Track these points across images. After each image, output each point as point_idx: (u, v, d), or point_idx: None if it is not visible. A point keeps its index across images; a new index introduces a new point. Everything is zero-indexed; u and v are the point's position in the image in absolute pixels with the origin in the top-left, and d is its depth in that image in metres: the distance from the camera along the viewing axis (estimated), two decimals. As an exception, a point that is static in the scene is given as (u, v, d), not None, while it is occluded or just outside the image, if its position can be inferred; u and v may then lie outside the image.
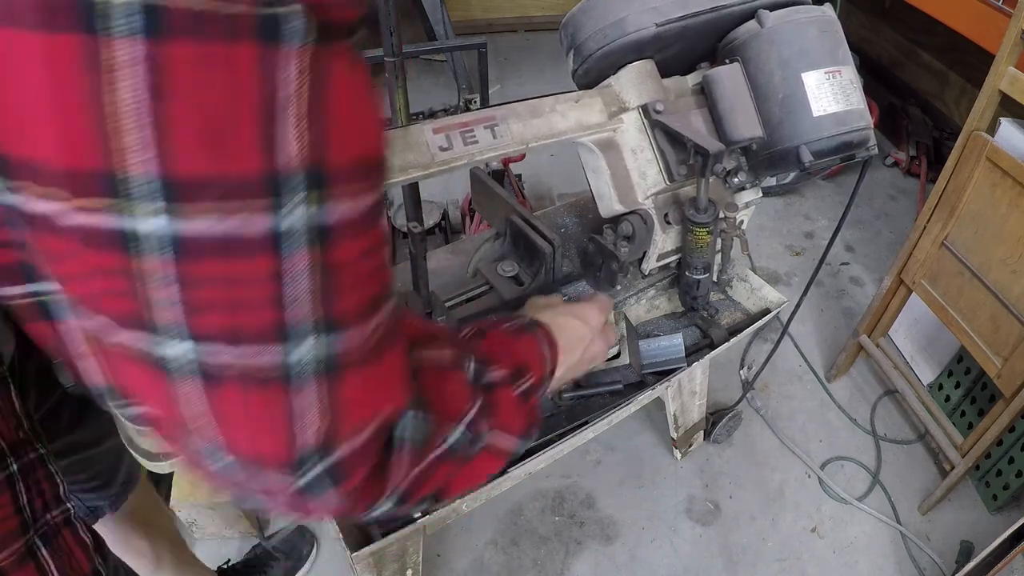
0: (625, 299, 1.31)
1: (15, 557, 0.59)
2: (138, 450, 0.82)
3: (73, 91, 0.29)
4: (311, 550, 1.55)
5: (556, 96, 1.05)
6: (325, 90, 0.34)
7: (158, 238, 0.32)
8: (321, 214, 0.35)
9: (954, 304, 1.56)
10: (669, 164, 1.10)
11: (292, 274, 0.35)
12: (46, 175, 0.31)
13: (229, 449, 0.39)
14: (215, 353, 0.36)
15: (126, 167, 0.30)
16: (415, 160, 0.93)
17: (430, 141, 0.94)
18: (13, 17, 0.28)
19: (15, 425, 0.64)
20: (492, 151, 0.98)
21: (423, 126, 0.94)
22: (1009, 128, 1.42)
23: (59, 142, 0.30)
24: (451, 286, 1.30)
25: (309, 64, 0.33)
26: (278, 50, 0.31)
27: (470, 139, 0.96)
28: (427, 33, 3.27)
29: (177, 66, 0.30)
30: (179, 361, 0.36)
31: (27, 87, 0.30)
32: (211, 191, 0.32)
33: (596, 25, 1.03)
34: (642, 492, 1.72)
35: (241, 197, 0.32)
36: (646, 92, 1.09)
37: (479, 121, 0.97)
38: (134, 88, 0.29)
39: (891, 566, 1.60)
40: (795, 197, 2.80)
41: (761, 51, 1.05)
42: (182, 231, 0.32)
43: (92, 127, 0.30)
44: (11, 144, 0.31)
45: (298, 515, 0.47)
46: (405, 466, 0.48)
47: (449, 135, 0.95)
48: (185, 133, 0.30)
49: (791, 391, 2.00)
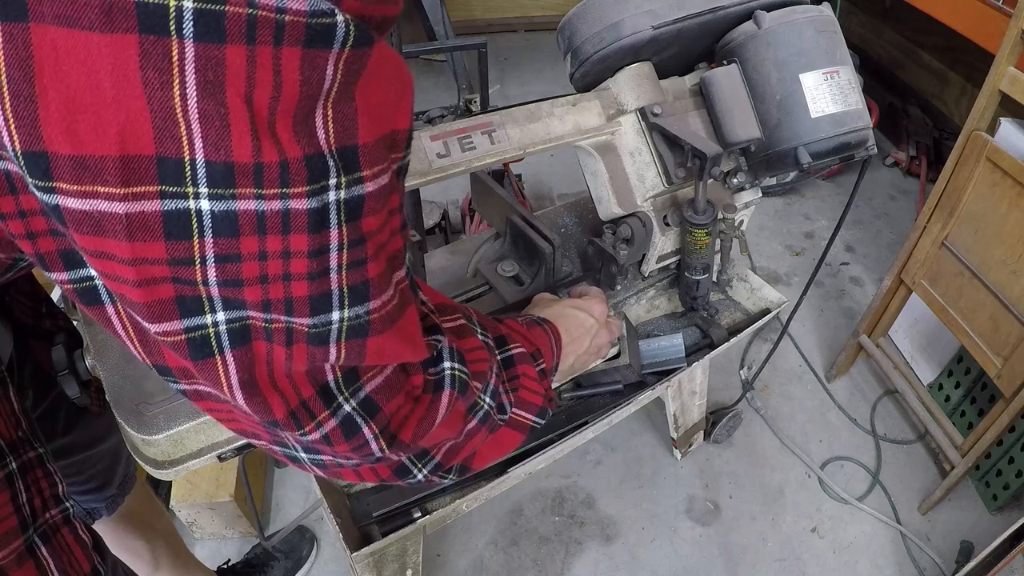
0: (625, 299, 1.31)
1: (14, 556, 0.59)
2: (144, 458, 0.82)
3: (133, 86, 0.31)
4: (311, 550, 1.55)
5: (553, 100, 1.05)
6: (357, 83, 0.37)
7: (209, 218, 0.35)
8: (353, 191, 0.39)
9: (954, 304, 1.56)
10: (667, 167, 1.10)
11: (327, 247, 0.39)
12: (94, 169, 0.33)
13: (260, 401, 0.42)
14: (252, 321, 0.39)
15: (185, 153, 0.33)
16: (413, 168, 0.93)
17: (427, 148, 0.93)
18: (75, 19, 0.30)
19: (14, 424, 0.64)
20: (490, 157, 0.98)
21: (419, 135, 0.94)
22: (1009, 128, 1.42)
23: (118, 132, 0.32)
24: (451, 286, 1.30)
25: (345, 63, 0.36)
26: (321, 53, 0.34)
27: (467, 145, 0.96)
28: (427, 33, 3.27)
29: (229, 67, 0.32)
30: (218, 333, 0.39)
31: (86, 83, 0.31)
32: (258, 176, 0.35)
33: (592, 29, 1.03)
34: (642, 492, 1.72)
35: (283, 180, 0.36)
36: (644, 94, 1.09)
37: (476, 127, 0.97)
38: (189, 85, 0.32)
39: (891, 566, 1.60)
40: (795, 197, 2.79)
41: (758, 52, 1.04)
42: (231, 211, 0.35)
43: (151, 119, 0.32)
44: (59, 143, 0.33)
45: (343, 463, 0.51)
46: (445, 407, 0.53)
47: (446, 142, 0.95)
48: (236, 125, 0.33)
49: (791, 391, 2.00)
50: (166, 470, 0.82)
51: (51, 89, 0.31)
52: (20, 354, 0.75)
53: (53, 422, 0.85)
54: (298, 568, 1.51)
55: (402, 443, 0.50)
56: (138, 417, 0.80)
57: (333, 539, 1.58)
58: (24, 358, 0.77)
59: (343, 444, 0.47)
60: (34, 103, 0.32)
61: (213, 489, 1.45)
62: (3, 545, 0.58)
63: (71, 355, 0.78)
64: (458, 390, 0.54)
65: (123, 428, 0.81)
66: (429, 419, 0.52)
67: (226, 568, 1.46)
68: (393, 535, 1.00)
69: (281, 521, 1.64)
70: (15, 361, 0.73)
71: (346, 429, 0.46)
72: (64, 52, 0.31)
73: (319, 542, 1.58)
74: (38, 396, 0.81)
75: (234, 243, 0.36)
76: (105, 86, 0.31)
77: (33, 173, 0.34)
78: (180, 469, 0.82)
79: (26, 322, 0.78)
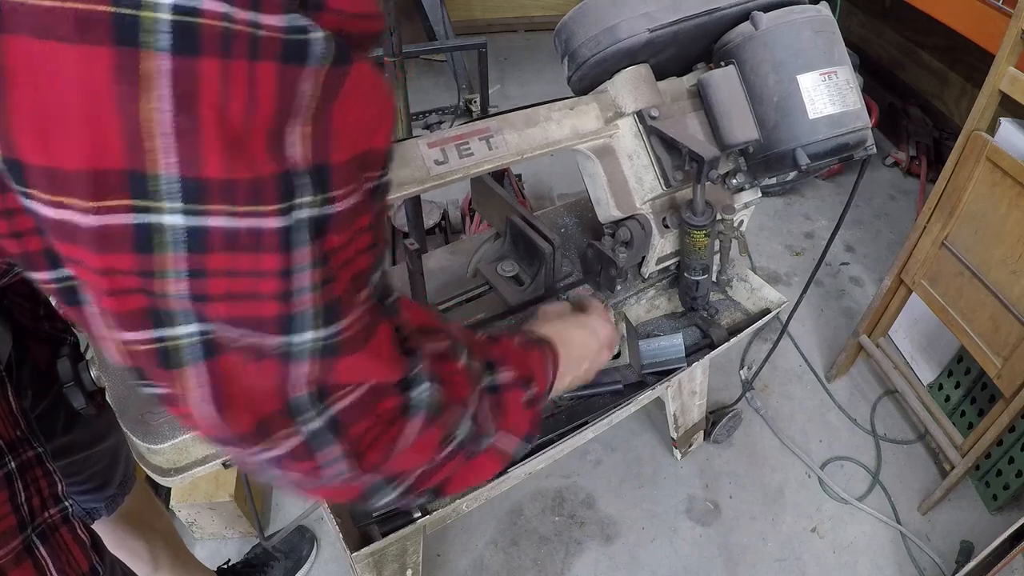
0: (625, 299, 1.31)
1: (12, 555, 0.59)
2: (149, 466, 0.82)
3: (105, 99, 0.31)
4: (311, 550, 1.55)
5: (550, 104, 1.05)
6: (334, 101, 0.36)
7: (178, 232, 0.35)
8: (324, 211, 0.38)
9: (954, 304, 1.56)
10: (665, 170, 1.10)
11: (296, 267, 0.38)
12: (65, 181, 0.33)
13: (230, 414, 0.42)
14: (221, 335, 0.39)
15: (156, 167, 0.33)
16: (411, 176, 0.93)
17: (425, 156, 0.93)
18: (50, 30, 0.30)
19: (12, 423, 0.64)
20: (488, 163, 0.98)
21: (417, 142, 0.94)
22: (1009, 128, 1.42)
23: (89, 145, 0.32)
24: (451, 286, 1.30)
25: (324, 80, 0.35)
26: (296, 69, 0.34)
27: (465, 152, 0.96)
28: (427, 33, 3.27)
29: (203, 80, 0.32)
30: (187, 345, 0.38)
31: (59, 95, 0.31)
32: (229, 192, 0.34)
33: (589, 32, 1.03)
34: (642, 492, 1.72)
35: (255, 197, 0.35)
36: (641, 97, 1.08)
37: (474, 133, 0.97)
38: (163, 98, 0.31)
39: (891, 566, 1.60)
40: (795, 197, 2.79)
41: (755, 54, 1.04)
42: (202, 226, 0.35)
43: (122, 132, 0.32)
44: (31, 153, 0.33)
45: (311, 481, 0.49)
46: (416, 431, 0.51)
47: (444, 149, 0.95)
48: (208, 139, 0.33)
49: (791, 391, 2.00)
50: (172, 477, 0.82)
51: (25, 100, 0.31)
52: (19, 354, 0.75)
53: (52, 421, 0.85)
54: (298, 568, 1.51)
55: (370, 464, 0.49)
56: (143, 427, 0.80)
57: (333, 539, 1.58)
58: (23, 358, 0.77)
59: (307, 462, 0.46)
60: (6, 113, 0.32)
61: (213, 489, 1.46)
62: (1, 544, 0.59)
63: (76, 366, 0.78)
64: (432, 415, 0.52)
65: (129, 437, 0.81)
66: (399, 442, 0.50)
67: (226, 568, 1.46)
68: (393, 535, 1.00)
69: (281, 521, 1.64)
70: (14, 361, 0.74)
71: (313, 446, 0.45)
72: (38, 63, 0.30)
73: (319, 542, 1.58)
74: (36, 396, 0.81)
75: (204, 259, 0.36)
76: (78, 99, 0.31)
77: (13, 177, 0.34)
78: (185, 476, 0.83)
79: (25, 324, 0.78)
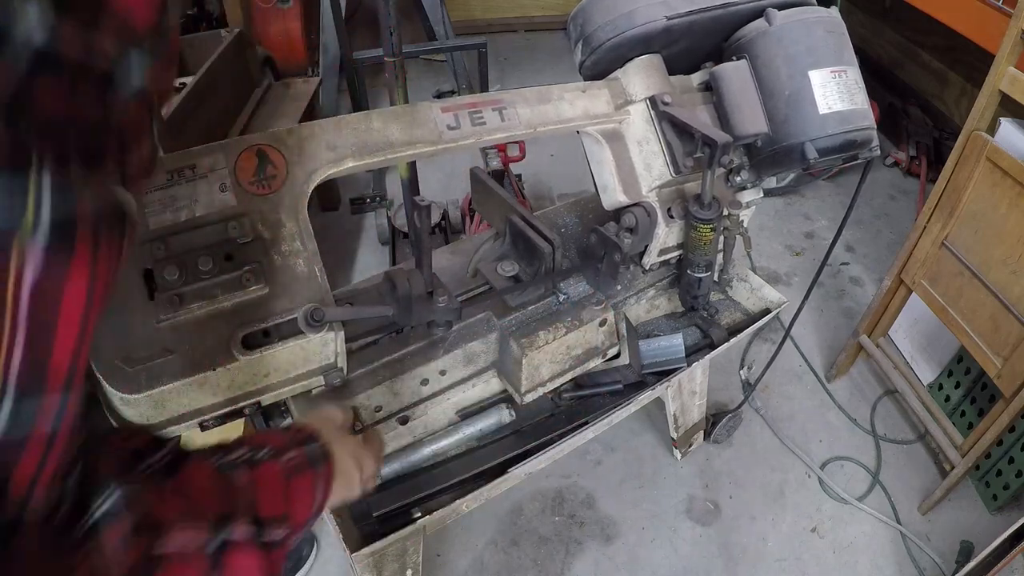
0: (625, 299, 1.31)
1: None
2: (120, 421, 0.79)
3: None
4: (311, 550, 1.55)
5: (563, 85, 1.06)
6: None
7: None
8: None
9: (954, 304, 1.56)
10: (675, 156, 1.10)
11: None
12: None
13: None
14: None
15: None
16: (423, 136, 0.93)
17: (438, 120, 0.94)
18: None
19: None
20: (500, 132, 0.98)
21: (432, 104, 0.94)
22: (1009, 128, 1.42)
23: None
24: (451, 286, 1.29)
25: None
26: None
27: (478, 120, 0.97)
28: (427, 33, 3.27)
29: None
30: None
31: None
32: None
33: (606, 16, 1.04)
34: (642, 492, 1.72)
35: None
36: (653, 85, 1.09)
37: (487, 103, 0.98)
38: None
39: (891, 566, 1.60)
40: (795, 197, 2.80)
41: (769, 48, 1.06)
42: None
43: None
44: None
45: None
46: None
47: (457, 115, 0.95)
48: None
49: (791, 391, 2.00)
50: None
51: None
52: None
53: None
54: (298, 568, 1.51)
55: None
56: (119, 372, 0.74)
57: (333, 539, 1.58)
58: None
59: None
60: None
61: (213, 489, 1.45)
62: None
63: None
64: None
65: (101, 384, 0.75)
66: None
67: (226, 568, 1.46)
68: (393, 535, 0.99)
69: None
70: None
71: None
72: None
73: (319, 542, 1.58)
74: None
75: None
76: None
77: None
78: (160, 435, 0.76)
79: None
